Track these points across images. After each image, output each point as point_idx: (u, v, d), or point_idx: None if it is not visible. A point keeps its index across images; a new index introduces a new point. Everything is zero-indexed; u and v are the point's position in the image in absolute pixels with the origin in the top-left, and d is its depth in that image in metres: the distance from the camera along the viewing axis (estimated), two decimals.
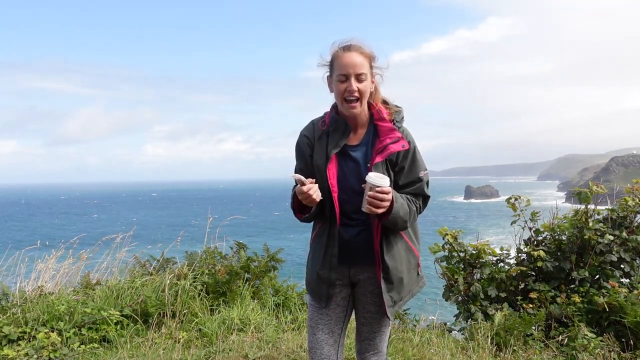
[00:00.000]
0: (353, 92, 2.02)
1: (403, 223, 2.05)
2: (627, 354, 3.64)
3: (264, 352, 3.84)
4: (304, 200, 2.00)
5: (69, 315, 4.05)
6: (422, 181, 2.12)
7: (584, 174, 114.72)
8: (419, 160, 2.13)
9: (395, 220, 2.01)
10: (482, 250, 4.49)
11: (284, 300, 4.97)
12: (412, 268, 2.19)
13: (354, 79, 2.02)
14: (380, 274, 2.10)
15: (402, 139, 2.07)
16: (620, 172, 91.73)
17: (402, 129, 2.12)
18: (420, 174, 2.12)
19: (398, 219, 2.01)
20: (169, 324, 4.22)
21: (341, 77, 2.03)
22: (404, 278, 2.14)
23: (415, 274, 2.23)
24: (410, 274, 2.18)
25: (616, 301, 3.85)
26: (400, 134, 2.08)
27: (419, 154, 2.14)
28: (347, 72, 2.01)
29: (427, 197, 2.17)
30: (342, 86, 2.03)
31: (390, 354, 3.72)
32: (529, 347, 3.75)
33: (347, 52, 2.03)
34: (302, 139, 2.20)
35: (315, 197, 1.97)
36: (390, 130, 2.08)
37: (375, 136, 2.12)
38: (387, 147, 2.05)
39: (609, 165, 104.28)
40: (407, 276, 2.16)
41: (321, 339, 2.20)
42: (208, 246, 5.39)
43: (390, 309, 2.14)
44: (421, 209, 2.16)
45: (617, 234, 4.25)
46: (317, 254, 2.19)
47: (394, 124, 2.09)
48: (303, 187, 1.96)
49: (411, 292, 2.22)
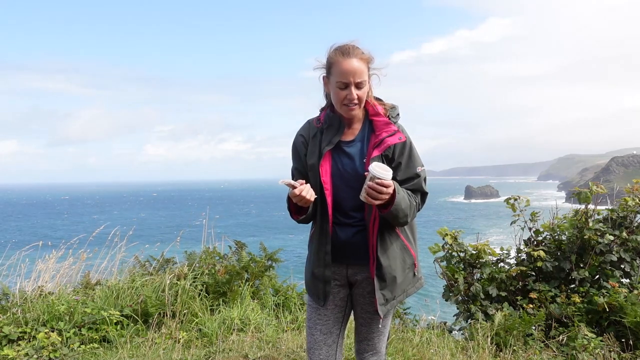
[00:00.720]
0: (353, 100, 2.03)
1: (404, 217, 2.02)
2: (627, 354, 3.64)
3: (264, 352, 3.84)
4: (298, 202, 1.99)
5: (69, 315, 4.05)
6: (419, 177, 2.11)
7: (584, 174, 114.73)
8: (415, 156, 2.12)
9: (397, 214, 1.99)
10: (482, 251, 4.49)
11: (284, 300, 4.97)
12: (407, 268, 2.17)
13: (354, 87, 2.02)
14: (374, 272, 2.09)
15: (399, 131, 2.08)
16: (621, 172, 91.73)
17: (398, 125, 2.13)
18: (418, 170, 2.11)
19: (400, 211, 1.99)
20: (169, 324, 4.22)
21: (341, 85, 2.02)
22: (397, 277, 2.12)
23: (411, 274, 2.20)
24: (405, 274, 2.16)
25: (616, 301, 3.85)
26: (395, 128, 2.08)
27: (415, 149, 2.14)
28: (347, 80, 2.01)
29: (425, 194, 2.15)
30: (342, 93, 2.03)
31: (390, 354, 3.72)
32: (529, 347, 3.75)
33: (346, 59, 2.00)
34: (298, 139, 2.21)
35: (309, 196, 1.96)
36: (386, 124, 2.09)
37: (370, 131, 2.12)
38: (384, 140, 2.05)
39: (609, 165, 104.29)
40: (402, 275, 2.14)
41: (319, 340, 2.20)
42: (207, 246, 5.40)
43: (382, 307, 2.12)
44: (420, 206, 2.14)
45: (617, 234, 4.25)
46: (313, 253, 2.20)
47: (390, 119, 2.10)
48: (294, 189, 1.96)
49: (406, 292, 2.20)
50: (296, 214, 2.14)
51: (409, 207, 2.03)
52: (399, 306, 4.79)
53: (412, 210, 2.05)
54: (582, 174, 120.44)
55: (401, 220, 2.04)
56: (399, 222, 2.05)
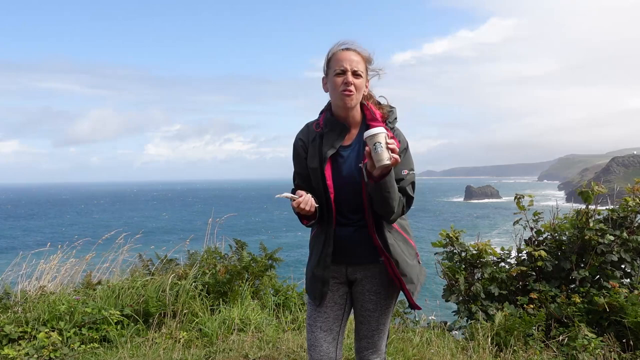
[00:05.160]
0: (349, 84, 2.06)
1: (393, 202, 2.01)
2: (627, 355, 3.65)
3: (264, 352, 3.84)
4: (300, 212, 2.05)
5: (70, 315, 4.06)
6: (404, 179, 2.10)
7: (585, 174, 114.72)
8: (405, 159, 2.12)
9: (389, 190, 1.97)
10: (483, 250, 4.49)
11: (284, 300, 4.97)
12: (412, 258, 2.22)
13: (350, 73, 2.07)
14: (394, 270, 2.12)
15: (394, 138, 2.08)
16: (621, 173, 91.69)
17: (395, 129, 2.14)
18: (404, 172, 2.10)
19: (391, 189, 1.97)
20: (169, 324, 4.22)
21: (338, 71, 2.08)
22: (414, 267, 2.18)
23: (417, 263, 2.25)
24: (415, 264, 2.22)
25: (616, 301, 3.85)
26: (392, 134, 2.09)
27: (408, 153, 2.15)
28: (344, 67, 2.07)
29: (411, 198, 2.14)
30: (339, 79, 2.07)
31: (391, 354, 3.72)
32: (529, 347, 3.75)
33: (345, 51, 2.11)
34: (297, 142, 2.23)
35: (308, 207, 2.02)
36: None
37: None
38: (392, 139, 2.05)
39: (610, 165, 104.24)
40: (413, 265, 2.19)
41: (319, 337, 2.22)
42: (209, 246, 5.40)
43: (415, 296, 2.18)
44: (405, 208, 2.13)
45: (617, 234, 4.25)
46: (314, 254, 2.23)
47: (387, 125, 2.11)
48: (293, 203, 2.02)
49: (420, 281, 2.24)
50: (305, 219, 2.17)
51: (398, 195, 2.04)
52: (399, 306, 4.80)
53: (399, 201, 2.06)
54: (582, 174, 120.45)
55: (391, 204, 2.01)
56: (388, 206, 2.02)
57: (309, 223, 2.18)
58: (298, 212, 2.07)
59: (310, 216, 2.13)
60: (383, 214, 2.08)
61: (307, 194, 2.04)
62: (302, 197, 2.02)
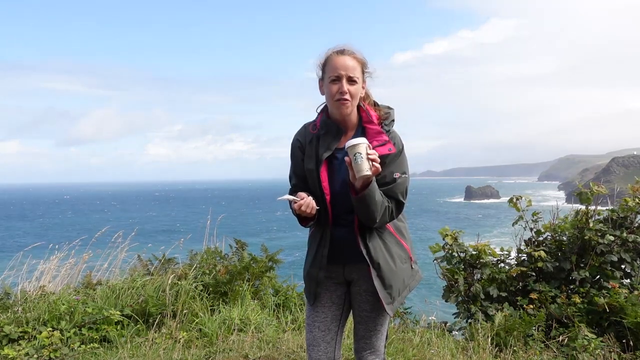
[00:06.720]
0: (344, 93, 2.04)
1: (373, 213, 2.00)
2: (627, 355, 3.64)
3: (264, 352, 3.84)
4: (302, 214, 2.05)
5: (70, 315, 4.06)
6: (395, 182, 2.08)
7: (585, 174, 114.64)
8: (399, 162, 2.10)
9: (370, 202, 1.96)
10: (483, 251, 4.49)
11: (284, 301, 4.97)
12: (404, 262, 2.19)
13: (345, 80, 2.05)
14: (373, 272, 2.10)
15: (389, 142, 2.07)
16: (621, 173, 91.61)
17: (391, 132, 2.12)
18: (396, 175, 2.08)
19: (372, 201, 1.96)
20: (169, 324, 4.22)
21: (333, 78, 2.06)
22: (398, 272, 2.14)
23: (409, 268, 2.22)
24: (404, 268, 2.18)
25: (616, 302, 3.85)
26: (387, 138, 2.08)
27: (403, 157, 2.13)
28: (339, 74, 2.05)
29: (401, 203, 2.11)
30: (334, 87, 2.06)
31: (391, 354, 3.73)
32: (529, 348, 3.75)
33: (340, 56, 2.08)
34: (295, 143, 2.23)
35: (309, 210, 2.02)
36: (378, 134, 2.09)
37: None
38: (374, 149, 2.03)
39: (610, 165, 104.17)
40: (400, 270, 2.16)
41: (318, 336, 2.22)
42: (209, 246, 5.40)
43: (390, 306, 2.13)
44: (394, 213, 2.10)
45: (617, 235, 4.25)
46: (310, 254, 2.24)
47: (382, 127, 2.10)
48: (294, 205, 2.02)
49: (409, 286, 2.21)
50: (304, 221, 2.18)
51: (381, 204, 2.02)
52: (399, 307, 4.79)
53: (383, 209, 2.03)
54: (582, 174, 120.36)
55: (372, 215, 2.01)
56: (369, 216, 2.02)
57: (309, 225, 2.19)
58: (298, 214, 2.07)
59: (309, 218, 2.13)
60: (365, 222, 2.07)
61: (309, 197, 2.05)
62: (303, 199, 2.03)
